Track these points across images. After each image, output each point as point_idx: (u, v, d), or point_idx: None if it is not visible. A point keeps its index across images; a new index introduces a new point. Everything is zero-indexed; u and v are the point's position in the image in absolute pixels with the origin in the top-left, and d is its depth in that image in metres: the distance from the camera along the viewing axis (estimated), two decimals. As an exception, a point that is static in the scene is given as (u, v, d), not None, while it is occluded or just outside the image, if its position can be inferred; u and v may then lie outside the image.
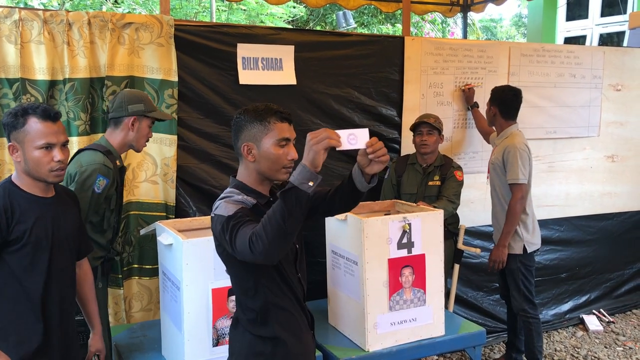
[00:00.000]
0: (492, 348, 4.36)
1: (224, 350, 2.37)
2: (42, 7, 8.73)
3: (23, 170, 2.09)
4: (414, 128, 3.70)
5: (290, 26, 11.67)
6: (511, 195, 3.58)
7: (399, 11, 5.64)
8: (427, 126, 3.62)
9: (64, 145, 2.13)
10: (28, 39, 2.96)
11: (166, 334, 2.80)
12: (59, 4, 9.63)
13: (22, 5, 8.69)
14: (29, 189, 2.11)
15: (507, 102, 3.68)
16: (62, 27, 3.00)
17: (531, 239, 3.66)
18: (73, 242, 2.24)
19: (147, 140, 2.80)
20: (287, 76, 3.62)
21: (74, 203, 2.32)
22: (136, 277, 3.33)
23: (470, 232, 4.22)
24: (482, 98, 4.27)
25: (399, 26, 11.08)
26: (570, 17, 9.64)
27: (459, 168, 3.70)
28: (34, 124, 2.05)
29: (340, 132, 1.65)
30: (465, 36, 6.13)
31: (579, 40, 9.41)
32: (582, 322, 4.79)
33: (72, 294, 2.29)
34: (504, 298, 3.97)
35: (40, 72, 2.99)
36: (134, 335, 3.02)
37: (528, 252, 3.64)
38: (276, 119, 1.88)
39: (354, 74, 3.86)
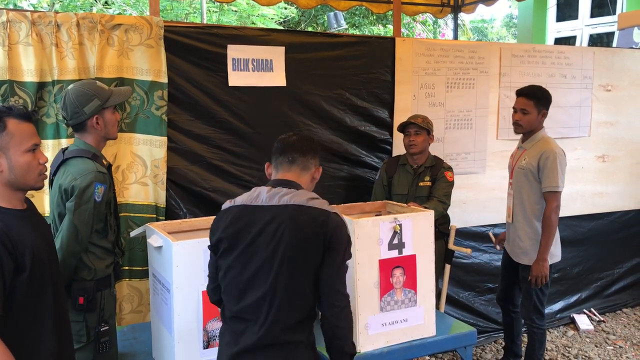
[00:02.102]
0: (483, 348, 4.37)
1: (214, 352, 2.36)
2: (31, 9, 8.68)
3: (5, 181, 1.86)
4: (402, 129, 3.69)
5: (281, 27, 11.67)
6: (546, 204, 3.41)
7: (390, 12, 5.64)
8: (414, 127, 3.61)
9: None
10: (16, 40, 2.93)
11: (157, 336, 2.78)
12: (48, 5, 9.57)
13: (10, 7, 8.64)
14: (9, 204, 1.87)
15: (550, 103, 3.53)
16: (50, 29, 2.98)
17: (554, 250, 3.50)
18: (56, 251, 2.09)
19: (119, 124, 2.70)
20: (277, 77, 3.61)
21: (37, 210, 2.12)
22: (126, 279, 3.32)
23: (461, 232, 4.22)
24: (474, 100, 4.28)
25: (390, 27, 11.10)
26: (560, 17, 9.67)
27: (450, 169, 3.70)
28: (16, 126, 1.84)
29: None
30: (455, 37, 6.14)
31: (569, 40, 9.45)
32: (572, 321, 4.82)
33: (66, 304, 2.23)
34: (500, 303, 3.88)
35: (29, 73, 2.96)
36: (124, 338, 3.01)
37: (550, 263, 3.47)
38: None
39: (345, 75, 3.86)
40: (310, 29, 12.54)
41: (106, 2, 10.35)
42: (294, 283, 1.97)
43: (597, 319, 4.88)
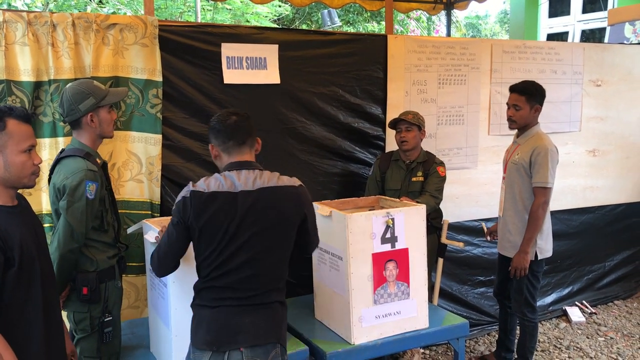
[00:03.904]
0: (476, 340, 4.43)
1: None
2: (25, 8, 8.68)
3: None
4: (393, 125, 3.74)
5: (276, 25, 11.69)
6: (534, 199, 3.45)
7: (384, 9, 5.69)
8: (405, 123, 3.65)
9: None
10: (12, 40, 2.97)
11: (154, 331, 2.83)
12: (42, 5, 9.57)
13: (5, 7, 8.64)
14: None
15: (544, 98, 3.56)
16: (46, 29, 3.02)
17: (544, 245, 3.56)
18: (47, 247, 2.12)
19: (115, 123, 2.74)
20: (271, 75, 3.66)
21: (30, 207, 2.15)
22: (123, 275, 3.35)
23: (454, 227, 4.28)
24: (466, 96, 4.33)
25: (385, 24, 11.13)
26: (552, 13, 9.75)
27: (442, 164, 3.75)
28: (16, 126, 1.91)
29: None
30: (449, 34, 6.19)
31: (561, 36, 9.53)
32: (565, 313, 4.88)
33: (58, 298, 2.26)
34: (497, 297, 3.93)
35: (25, 73, 3.00)
36: (122, 333, 3.03)
37: (539, 258, 3.54)
38: None
39: (338, 72, 3.91)
40: (304, 26, 12.56)
41: (100, 1, 10.35)
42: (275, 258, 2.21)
43: (589, 311, 4.94)
